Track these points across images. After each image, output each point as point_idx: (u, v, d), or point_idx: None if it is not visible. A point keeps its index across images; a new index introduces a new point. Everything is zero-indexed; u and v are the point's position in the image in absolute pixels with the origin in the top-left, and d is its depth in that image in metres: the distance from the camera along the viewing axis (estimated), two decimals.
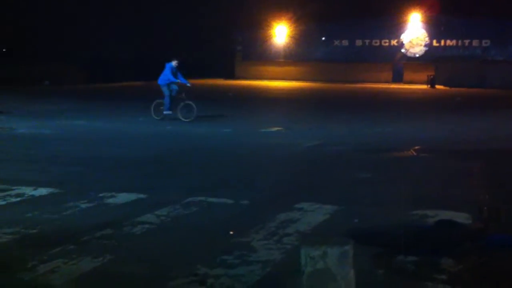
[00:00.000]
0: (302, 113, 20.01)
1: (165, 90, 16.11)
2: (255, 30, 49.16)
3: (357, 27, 47.31)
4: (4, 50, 32.86)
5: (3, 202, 6.57)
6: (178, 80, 16.06)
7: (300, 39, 48.92)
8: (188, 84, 16.19)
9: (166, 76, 16.02)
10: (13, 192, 7.02)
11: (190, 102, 15.98)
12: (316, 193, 7.28)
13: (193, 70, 40.60)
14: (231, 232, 5.61)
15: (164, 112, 16.09)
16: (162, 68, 16.37)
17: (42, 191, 7.16)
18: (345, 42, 48.88)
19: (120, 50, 37.45)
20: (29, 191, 7.12)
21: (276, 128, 14.88)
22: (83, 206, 6.53)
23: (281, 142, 12.30)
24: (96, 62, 35.51)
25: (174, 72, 16.04)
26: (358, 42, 48.53)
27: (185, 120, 15.73)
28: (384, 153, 10.92)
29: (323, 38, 48.65)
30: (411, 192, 7.28)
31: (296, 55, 49.57)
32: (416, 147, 11.35)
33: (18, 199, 6.77)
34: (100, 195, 6.99)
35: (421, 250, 5.05)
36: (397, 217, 6.06)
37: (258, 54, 50.19)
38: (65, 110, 19.06)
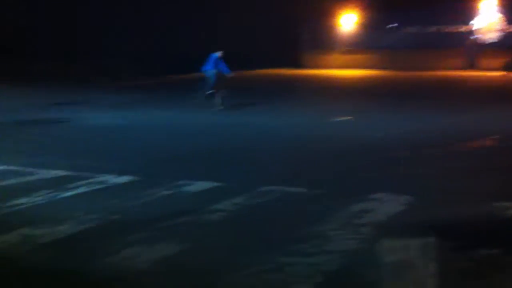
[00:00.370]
0: (372, 102, 19.71)
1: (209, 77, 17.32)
2: (322, 18, 48.69)
3: (427, 12, 45.98)
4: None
5: (88, 189, 6.88)
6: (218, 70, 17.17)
7: (368, 27, 48.09)
8: (231, 75, 17.19)
9: (209, 65, 17.25)
10: (96, 180, 7.34)
11: (225, 91, 16.82)
12: (391, 183, 7.21)
13: (257, 60, 40.69)
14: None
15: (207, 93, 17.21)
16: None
17: (123, 178, 7.44)
18: (415, 29, 47.64)
19: (186, 42, 37.95)
20: (111, 178, 7.42)
21: (346, 118, 14.76)
22: (162, 193, 6.74)
23: (352, 131, 12.21)
24: (162, 55, 36.12)
25: (217, 62, 17.10)
26: (429, 28, 47.18)
27: (221, 107, 16.47)
28: (461, 143, 10.64)
29: (392, 25, 47.62)
30: (492, 183, 7.08)
31: (364, 43, 48.73)
32: (495, 136, 10.99)
33: (102, 186, 7.07)
34: (178, 183, 7.20)
35: (505, 242, 4.93)
36: (479, 209, 5.93)
37: (324, 42, 49.71)
38: (129, 102, 19.58)
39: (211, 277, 4.36)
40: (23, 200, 6.29)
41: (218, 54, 17.09)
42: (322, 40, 49.68)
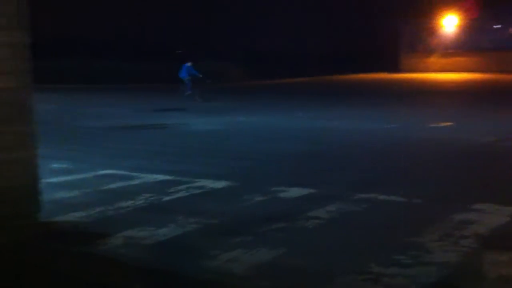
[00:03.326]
0: (475, 107, 18.95)
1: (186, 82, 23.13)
2: (422, 20, 47.32)
3: None
4: (178, 51, 35.22)
5: (187, 194, 7.11)
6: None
7: (471, 28, 46.15)
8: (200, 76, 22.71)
9: (184, 73, 23.09)
10: (195, 185, 7.57)
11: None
12: (494, 194, 6.89)
13: (355, 64, 40.15)
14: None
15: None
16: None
17: (220, 184, 7.62)
18: None
19: (282, 46, 38.13)
20: (209, 183, 7.62)
21: (445, 123, 14.29)
22: (258, 199, 6.84)
23: (452, 138, 11.80)
24: (258, 58, 36.48)
25: (189, 70, 22.79)
26: None
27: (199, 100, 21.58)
28: None
29: (496, 26, 45.43)
30: None
31: (466, 45, 46.85)
32: None
33: (200, 191, 7.28)
34: (273, 189, 7.28)
35: None
36: None
37: (424, 45, 48.27)
38: (231, 107, 19.98)
39: (306, 285, 4.37)
40: (126, 203, 6.61)
41: (189, 63, 22.93)
42: (421, 43, 48.30)
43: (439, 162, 9.37)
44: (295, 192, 7.13)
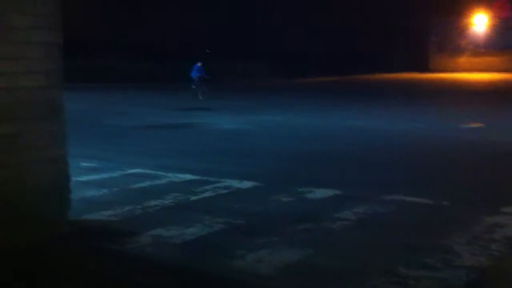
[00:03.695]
0: (505, 107, 18.64)
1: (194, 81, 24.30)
2: (452, 19, 46.69)
3: None
4: (207, 51, 35.36)
5: (214, 194, 7.14)
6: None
7: (501, 27, 45.38)
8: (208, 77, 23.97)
9: (194, 72, 24.28)
10: (222, 185, 7.59)
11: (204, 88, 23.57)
12: None
13: (382, 64, 39.82)
14: None
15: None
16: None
17: (247, 184, 7.64)
18: None
19: (313, 46, 37.99)
20: (235, 183, 7.64)
21: (476, 124, 14.08)
22: (284, 200, 6.83)
23: (482, 139, 11.63)
24: (292, 57, 36.40)
25: (199, 70, 23.99)
26: None
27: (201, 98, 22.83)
28: None
29: None
30: None
31: (497, 44, 46.09)
32: None
33: (227, 191, 7.30)
34: (299, 189, 7.26)
35: None
36: None
37: (454, 45, 47.64)
38: (262, 106, 20.00)
39: (333, 287, 4.35)
40: (154, 203, 6.66)
41: (199, 64, 24.04)
42: (451, 42, 47.67)
43: (469, 163, 9.24)
44: (321, 193, 7.11)
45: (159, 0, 34.94)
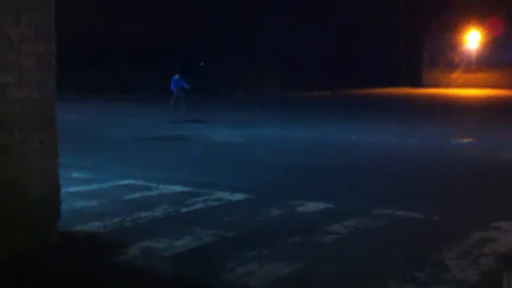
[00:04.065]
0: (497, 124, 18.73)
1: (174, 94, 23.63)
2: (445, 35, 47.06)
3: None
4: (202, 64, 35.38)
5: (204, 206, 7.13)
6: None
7: (494, 44, 45.74)
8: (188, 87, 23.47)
9: (173, 85, 23.64)
10: (213, 196, 7.59)
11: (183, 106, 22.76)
12: None
13: (376, 78, 39.92)
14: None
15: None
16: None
17: (238, 196, 7.64)
18: None
19: (312, 56, 37.90)
20: (226, 195, 7.64)
21: (467, 140, 14.16)
22: (275, 212, 6.83)
23: (473, 154, 11.67)
24: (287, 71, 36.39)
25: (178, 82, 23.44)
26: None
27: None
28: None
29: None
30: None
31: (489, 61, 46.43)
32: None
33: (217, 203, 7.30)
34: (291, 202, 7.26)
35: None
36: None
37: (447, 60, 47.96)
38: (257, 119, 20.01)
39: None
40: (144, 214, 6.65)
41: (177, 76, 23.55)
42: (444, 58, 47.99)
43: (459, 179, 9.27)
44: (312, 206, 7.11)
45: (158, 6, 34.95)
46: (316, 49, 37.63)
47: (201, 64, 34.41)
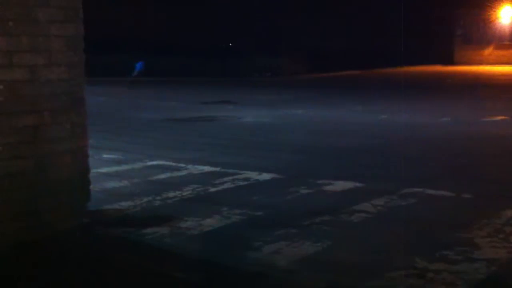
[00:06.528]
0: None
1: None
2: (477, 11, 45.97)
3: None
4: (230, 44, 35.32)
5: (232, 185, 7.16)
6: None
7: None
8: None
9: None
10: (241, 176, 7.61)
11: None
12: None
13: (406, 57, 39.32)
14: None
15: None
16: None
17: (266, 176, 7.64)
18: None
19: (336, 40, 37.73)
20: (254, 175, 7.65)
21: (501, 117, 13.87)
22: (303, 192, 6.83)
23: (506, 133, 11.45)
24: (314, 53, 36.22)
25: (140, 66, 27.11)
26: None
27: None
28: None
29: None
30: None
31: None
32: None
33: (245, 183, 7.32)
34: (319, 182, 7.24)
35: None
36: None
37: (480, 37, 46.90)
38: (285, 100, 19.93)
39: (350, 279, 4.34)
40: (174, 194, 6.71)
41: (142, 62, 27.20)
42: (476, 35, 46.97)
43: (491, 157, 9.11)
44: (340, 185, 7.08)
45: None
46: (346, 31, 37.34)
47: (230, 44, 34.33)
